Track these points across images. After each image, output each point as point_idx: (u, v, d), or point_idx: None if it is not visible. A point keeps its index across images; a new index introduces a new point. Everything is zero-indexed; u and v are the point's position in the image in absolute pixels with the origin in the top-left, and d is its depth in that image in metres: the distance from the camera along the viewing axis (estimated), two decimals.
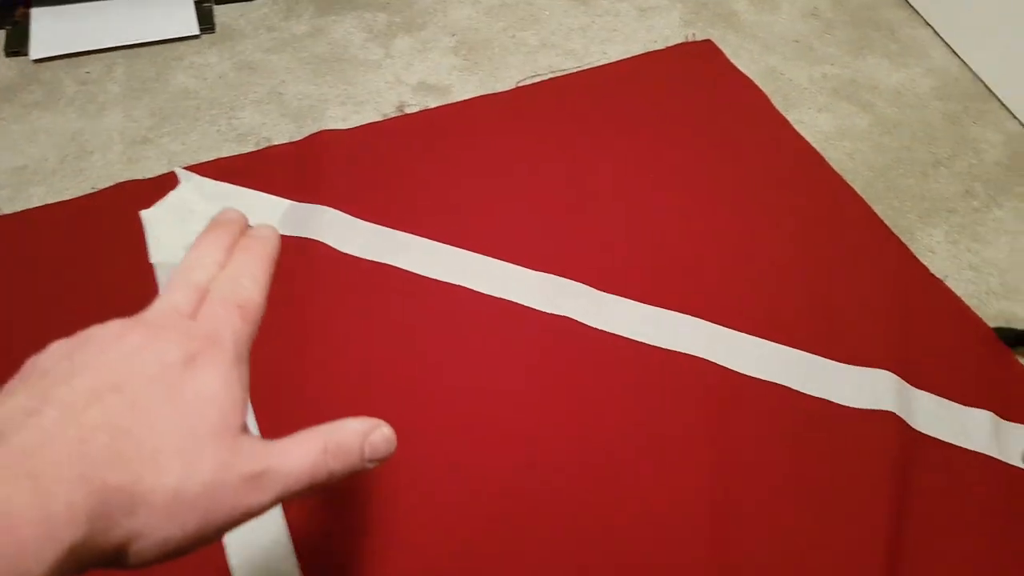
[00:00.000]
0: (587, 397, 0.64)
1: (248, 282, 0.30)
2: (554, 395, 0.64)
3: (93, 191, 0.72)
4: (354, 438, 0.27)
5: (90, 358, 0.23)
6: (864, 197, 0.80)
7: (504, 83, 0.85)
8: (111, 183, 0.73)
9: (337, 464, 0.26)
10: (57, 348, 0.25)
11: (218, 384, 0.24)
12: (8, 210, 0.70)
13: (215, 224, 0.32)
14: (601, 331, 0.68)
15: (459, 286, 0.70)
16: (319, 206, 0.73)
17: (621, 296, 0.71)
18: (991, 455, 0.64)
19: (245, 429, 0.25)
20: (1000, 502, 0.62)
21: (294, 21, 0.90)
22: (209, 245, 0.31)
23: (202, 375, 0.24)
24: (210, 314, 0.27)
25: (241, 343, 0.27)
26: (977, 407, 0.67)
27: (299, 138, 0.78)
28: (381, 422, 0.28)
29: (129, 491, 0.20)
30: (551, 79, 0.86)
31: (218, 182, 0.74)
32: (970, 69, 0.95)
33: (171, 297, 0.28)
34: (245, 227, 0.34)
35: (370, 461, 0.27)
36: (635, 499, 0.59)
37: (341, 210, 0.73)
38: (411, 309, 0.68)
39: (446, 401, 0.63)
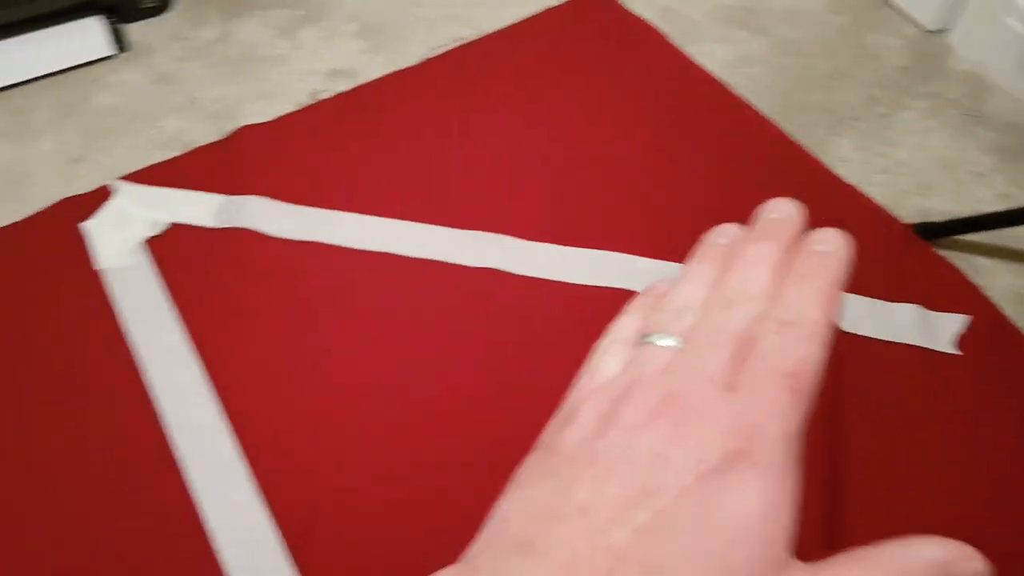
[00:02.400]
0: (518, 340, 0.67)
1: (808, 332, 0.19)
2: (486, 343, 0.67)
3: (33, 213, 0.76)
4: (930, 570, 0.17)
5: (616, 448, 0.17)
6: (772, 117, 0.83)
7: (410, 59, 0.88)
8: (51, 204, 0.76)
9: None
10: (587, 414, 0.19)
11: (761, 501, 0.17)
12: None
13: (762, 226, 0.22)
14: (526, 277, 0.72)
15: (386, 253, 0.73)
16: (249, 196, 0.76)
17: (542, 242, 0.74)
18: (921, 345, 0.67)
19: (789, 560, 0.17)
20: (933, 387, 0.65)
21: (202, 29, 0.93)
22: (751, 264, 0.20)
23: (741, 487, 0.17)
24: (756, 390, 0.18)
25: (792, 434, 0.18)
26: (903, 302, 0.70)
27: (222, 137, 0.81)
28: (969, 550, 0.18)
29: None
30: (454, 49, 0.89)
31: (151, 187, 0.78)
32: None
33: (703, 358, 0.19)
34: (800, 231, 0.22)
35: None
36: None
37: (269, 197, 0.76)
38: (342, 280, 0.71)
39: (383, 361, 0.66)
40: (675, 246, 0.74)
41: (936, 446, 0.62)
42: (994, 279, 0.70)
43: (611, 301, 0.67)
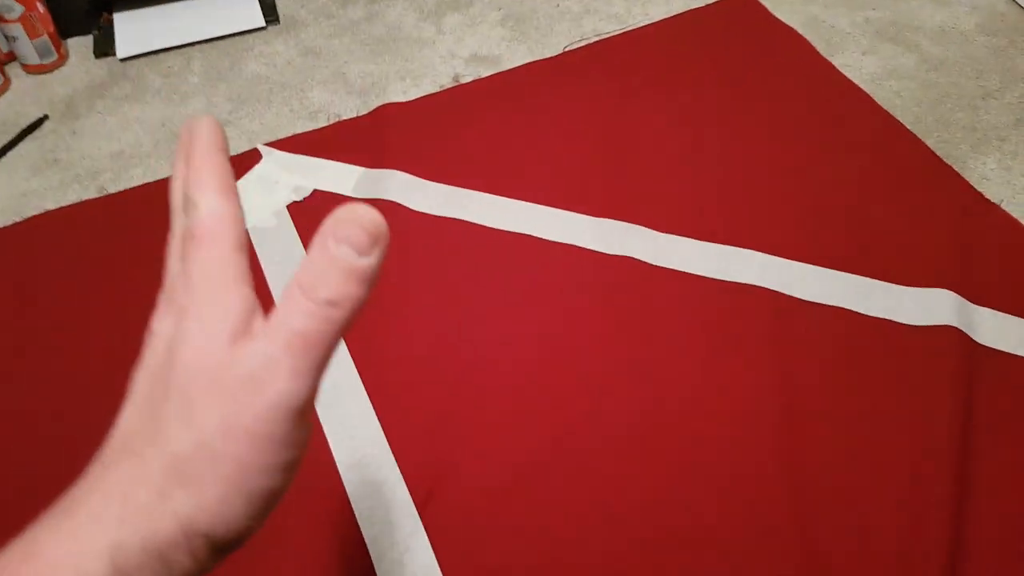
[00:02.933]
0: (653, 331, 0.67)
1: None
2: (621, 331, 0.67)
3: None
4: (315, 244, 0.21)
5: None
6: (915, 132, 0.82)
7: (551, 49, 0.89)
8: None
9: (308, 277, 0.21)
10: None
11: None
12: (113, 189, 0.77)
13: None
14: (662, 268, 0.72)
15: (523, 234, 0.74)
16: (389, 170, 0.78)
17: (678, 235, 0.74)
18: None
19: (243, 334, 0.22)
20: None
21: (351, 8, 0.96)
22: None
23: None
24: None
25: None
26: None
27: (365, 112, 0.84)
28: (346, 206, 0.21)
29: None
30: (597, 42, 0.90)
31: (296, 155, 0.80)
32: (1016, 3, 0.96)
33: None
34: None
35: (341, 243, 0.21)
36: (707, 422, 0.61)
37: (409, 173, 0.78)
38: (480, 258, 0.72)
39: (517, 342, 0.66)
40: (810, 248, 0.73)
41: None
42: None
43: (739, 295, 0.68)
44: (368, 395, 0.63)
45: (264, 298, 0.71)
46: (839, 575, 0.53)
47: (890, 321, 0.67)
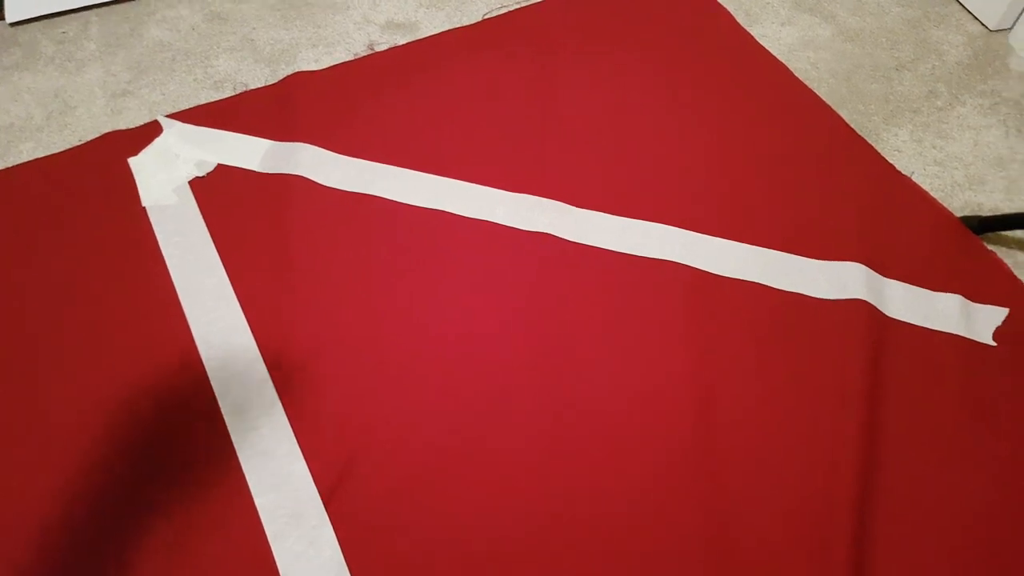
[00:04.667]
0: (569, 306, 0.67)
1: None
2: (537, 311, 0.66)
3: (80, 144, 0.74)
4: None
5: None
6: (829, 103, 0.82)
7: (470, 17, 0.87)
8: (96, 135, 0.75)
9: None
10: None
11: None
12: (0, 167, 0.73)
13: None
14: (579, 244, 0.71)
15: (438, 210, 0.72)
16: (298, 143, 0.75)
17: (596, 210, 0.73)
18: (961, 334, 0.67)
19: None
20: (970, 377, 0.65)
21: None
22: None
23: None
24: None
25: None
26: (946, 292, 0.70)
27: (274, 81, 0.80)
28: None
29: None
30: (517, 10, 0.88)
31: (200, 127, 0.76)
32: None
33: None
34: None
35: None
36: (621, 396, 0.62)
37: (319, 146, 0.75)
38: (392, 234, 0.70)
39: (428, 325, 0.65)
40: (725, 222, 0.74)
41: (967, 432, 0.62)
42: None
43: (657, 272, 0.68)
44: (272, 381, 0.61)
45: (162, 278, 0.69)
46: (754, 539, 0.54)
47: (803, 295, 0.68)
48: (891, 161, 0.78)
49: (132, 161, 0.73)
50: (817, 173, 0.77)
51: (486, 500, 0.56)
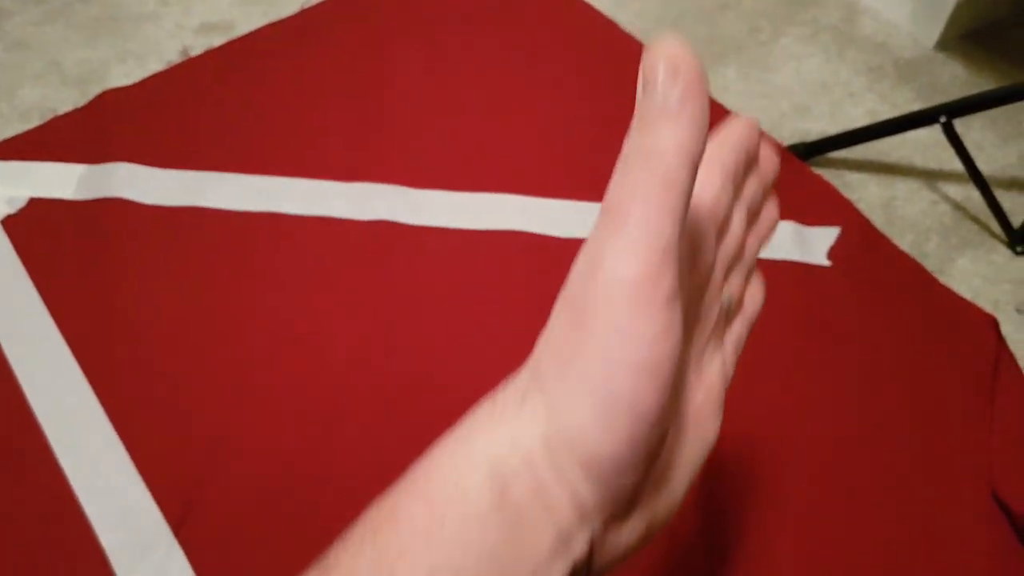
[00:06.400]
0: (414, 292, 0.66)
1: None
2: (384, 302, 0.66)
3: None
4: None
5: None
6: None
7: (288, 8, 0.84)
8: None
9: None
10: None
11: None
12: None
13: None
14: (418, 227, 0.70)
15: (269, 212, 0.70)
16: (114, 163, 0.72)
17: (433, 189, 0.73)
18: (796, 260, 0.70)
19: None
20: (809, 301, 0.68)
21: None
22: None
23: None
24: None
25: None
26: (781, 220, 0.72)
27: (84, 104, 0.76)
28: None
29: None
30: None
31: (6, 161, 0.72)
32: None
33: None
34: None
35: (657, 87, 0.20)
36: (481, 389, 0.61)
37: (137, 163, 0.72)
38: (224, 246, 0.68)
39: (271, 333, 0.63)
40: (562, 183, 0.74)
41: (812, 350, 0.64)
42: (864, 191, 0.73)
43: (500, 243, 0.68)
44: (107, 415, 0.59)
45: None
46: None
47: None
48: (720, 100, 0.80)
49: None
50: None
51: (341, 499, 0.55)
